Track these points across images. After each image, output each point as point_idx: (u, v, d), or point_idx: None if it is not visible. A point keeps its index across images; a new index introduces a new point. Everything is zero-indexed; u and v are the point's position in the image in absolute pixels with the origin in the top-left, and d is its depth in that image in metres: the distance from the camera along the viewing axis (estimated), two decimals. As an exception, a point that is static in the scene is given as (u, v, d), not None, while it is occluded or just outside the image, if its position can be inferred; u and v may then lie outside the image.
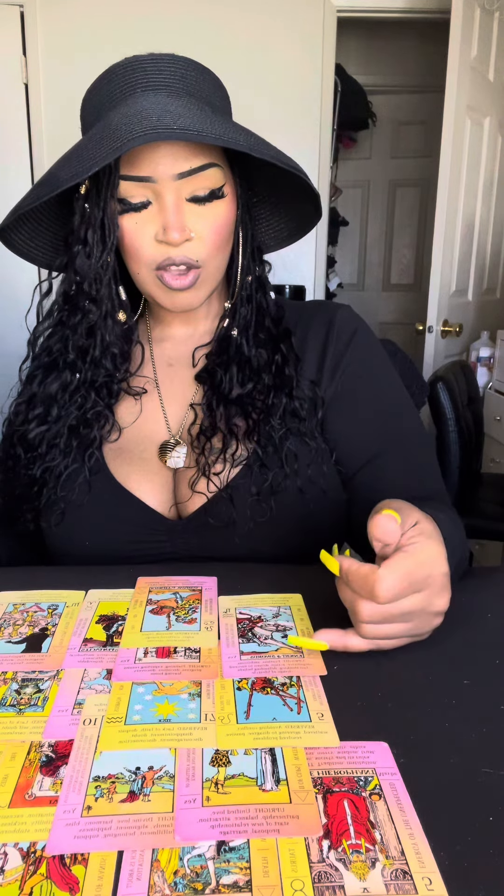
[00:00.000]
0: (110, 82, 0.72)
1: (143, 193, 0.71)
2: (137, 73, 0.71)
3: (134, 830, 0.38)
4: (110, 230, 0.71)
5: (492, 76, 2.62)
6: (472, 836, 0.38)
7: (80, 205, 0.72)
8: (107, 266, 0.74)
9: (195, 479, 0.77)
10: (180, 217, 0.70)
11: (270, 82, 2.73)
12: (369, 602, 0.51)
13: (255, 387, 0.79)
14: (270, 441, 0.77)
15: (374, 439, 0.81)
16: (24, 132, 2.73)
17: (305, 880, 0.35)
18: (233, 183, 0.75)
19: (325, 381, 0.81)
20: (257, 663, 0.54)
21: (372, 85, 3.69)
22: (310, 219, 0.82)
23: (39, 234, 0.80)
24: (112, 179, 0.69)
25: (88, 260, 0.73)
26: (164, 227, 0.70)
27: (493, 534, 2.11)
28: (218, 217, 0.73)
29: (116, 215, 0.71)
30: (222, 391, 0.78)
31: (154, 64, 0.71)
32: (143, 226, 0.72)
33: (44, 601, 0.65)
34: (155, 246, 0.72)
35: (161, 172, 0.69)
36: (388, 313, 4.31)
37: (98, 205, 0.71)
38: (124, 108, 0.67)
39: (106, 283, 0.75)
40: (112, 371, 0.80)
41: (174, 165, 0.69)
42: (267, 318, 0.82)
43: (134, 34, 2.61)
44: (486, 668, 0.54)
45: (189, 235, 0.72)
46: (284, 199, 0.82)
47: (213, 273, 0.76)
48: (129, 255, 0.74)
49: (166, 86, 0.70)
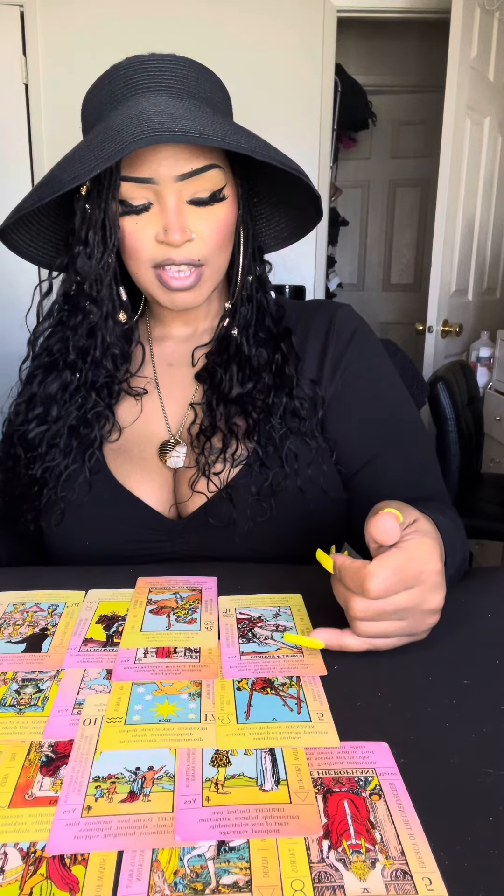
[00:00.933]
0: (112, 82, 0.72)
1: (144, 195, 0.71)
2: (139, 73, 0.71)
3: (134, 830, 0.38)
4: (111, 231, 0.71)
5: (492, 76, 2.62)
6: (472, 836, 0.38)
7: (80, 205, 0.72)
8: (108, 267, 0.74)
9: (195, 478, 0.77)
10: (181, 218, 0.70)
11: (270, 82, 2.73)
12: (362, 598, 0.51)
13: (255, 386, 0.79)
14: (270, 440, 0.77)
15: (374, 439, 0.81)
16: (24, 132, 2.73)
17: (305, 880, 0.35)
18: (234, 184, 0.75)
19: (325, 381, 0.81)
20: (257, 663, 0.54)
21: (372, 85, 3.69)
22: (310, 219, 0.82)
23: (40, 234, 0.80)
24: (113, 181, 0.69)
25: (89, 261, 0.73)
26: (165, 229, 0.70)
27: (493, 534, 2.11)
28: (219, 218, 0.73)
29: (117, 216, 0.71)
30: (222, 390, 0.78)
31: (155, 64, 0.71)
32: (143, 227, 0.72)
33: (44, 601, 0.65)
34: (156, 246, 0.72)
35: (162, 174, 0.69)
36: (388, 313, 4.31)
37: (99, 206, 0.71)
38: (126, 109, 0.68)
39: (107, 284, 0.75)
40: (112, 371, 0.80)
41: (175, 167, 0.69)
42: (267, 318, 0.82)
43: (134, 34, 2.61)
44: (486, 668, 0.54)
45: (190, 236, 0.72)
46: (285, 200, 0.82)
47: (214, 272, 0.76)
48: (130, 255, 0.74)
49: (168, 87, 0.70)
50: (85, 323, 0.77)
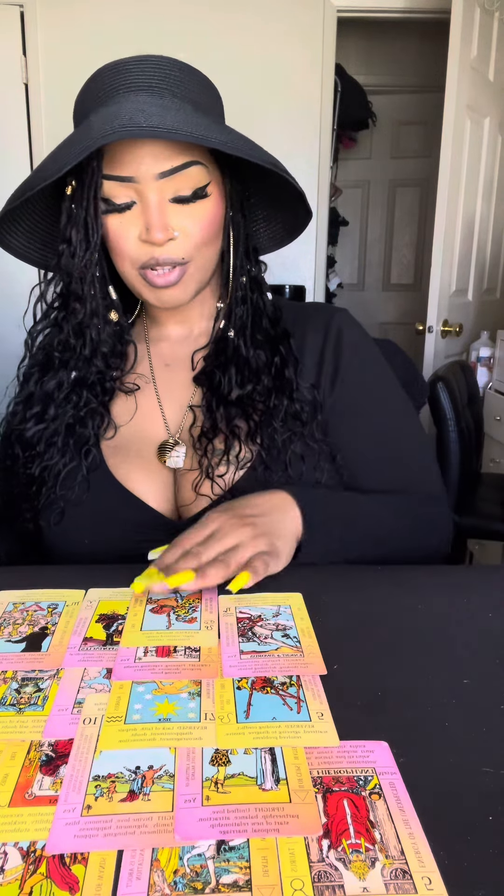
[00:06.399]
0: (96, 84, 0.73)
1: (126, 194, 0.71)
2: (121, 74, 0.71)
3: (134, 830, 0.38)
4: (93, 229, 0.72)
5: (492, 76, 2.62)
6: (471, 835, 0.38)
7: (66, 205, 0.73)
8: (90, 264, 0.74)
9: (199, 481, 0.77)
10: (163, 217, 0.71)
11: (270, 82, 2.73)
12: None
13: (255, 388, 0.79)
14: (273, 443, 0.77)
15: (373, 447, 0.82)
16: (24, 132, 2.73)
17: (305, 880, 0.35)
18: (220, 182, 0.75)
19: (324, 387, 0.82)
20: (257, 662, 0.54)
21: (372, 85, 3.68)
22: (302, 219, 0.82)
23: (35, 235, 0.81)
24: (95, 179, 0.70)
25: (72, 259, 0.74)
26: (147, 227, 0.71)
27: (493, 534, 2.11)
28: (203, 215, 0.73)
29: (100, 214, 0.72)
30: (221, 392, 0.79)
31: (138, 65, 0.71)
32: (127, 226, 0.72)
33: (43, 600, 0.65)
34: (139, 245, 0.73)
35: (143, 172, 0.70)
36: (388, 313, 4.31)
37: (82, 204, 0.72)
38: (104, 108, 0.68)
39: (90, 282, 0.76)
40: (103, 368, 0.80)
41: (155, 165, 0.70)
42: (264, 319, 0.82)
43: (134, 34, 2.61)
44: (486, 668, 0.54)
45: (172, 234, 0.72)
46: (277, 200, 0.82)
47: (199, 269, 0.76)
48: (116, 254, 0.75)
49: (148, 86, 0.71)
50: (72, 320, 0.78)
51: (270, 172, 0.73)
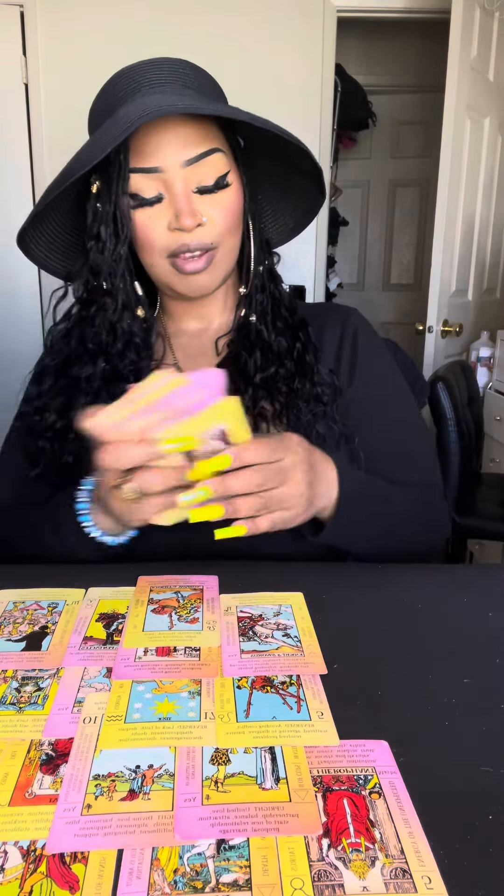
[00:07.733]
0: (114, 86, 0.75)
1: (154, 187, 0.73)
2: (139, 74, 0.74)
3: (134, 829, 0.38)
4: (123, 223, 0.74)
5: (492, 76, 2.62)
6: (471, 834, 0.38)
7: (92, 205, 0.75)
8: (120, 259, 0.76)
9: None
10: (191, 203, 0.73)
11: (270, 82, 2.73)
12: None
13: (279, 371, 0.81)
14: (299, 422, 0.79)
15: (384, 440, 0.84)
16: (24, 132, 2.73)
17: (305, 879, 0.35)
18: (237, 171, 0.77)
19: (342, 379, 0.84)
20: (257, 662, 0.54)
21: (372, 85, 3.69)
22: (315, 202, 0.84)
23: (54, 245, 0.82)
24: (122, 173, 0.72)
25: (102, 255, 0.75)
26: (176, 215, 0.73)
27: (493, 534, 2.11)
28: (227, 203, 0.75)
29: (129, 209, 0.73)
30: (248, 374, 0.80)
31: (154, 66, 0.75)
32: (156, 218, 0.74)
33: (44, 599, 0.65)
34: (168, 234, 0.74)
35: (169, 162, 0.72)
36: (388, 313, 4.31)
37: (110, 200, 0.73)
38: (130, 102, 0.71)
39: (120, 276, 0.77)
40: (136, 360, 0.81)
41: (180, 153, 0.72)
42: (282, 307, 0.85)
43: (134, 34, 2.61)
44: (486, 667, 0.54)
45: (201, 220, 0.74)
46: (287, 186, 0.84)
47: (226, 255, 0.78)
48: (143, 247, 0.76)
49: (167, 82, 0.74)
50: (102, 316, 0.79)
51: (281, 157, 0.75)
